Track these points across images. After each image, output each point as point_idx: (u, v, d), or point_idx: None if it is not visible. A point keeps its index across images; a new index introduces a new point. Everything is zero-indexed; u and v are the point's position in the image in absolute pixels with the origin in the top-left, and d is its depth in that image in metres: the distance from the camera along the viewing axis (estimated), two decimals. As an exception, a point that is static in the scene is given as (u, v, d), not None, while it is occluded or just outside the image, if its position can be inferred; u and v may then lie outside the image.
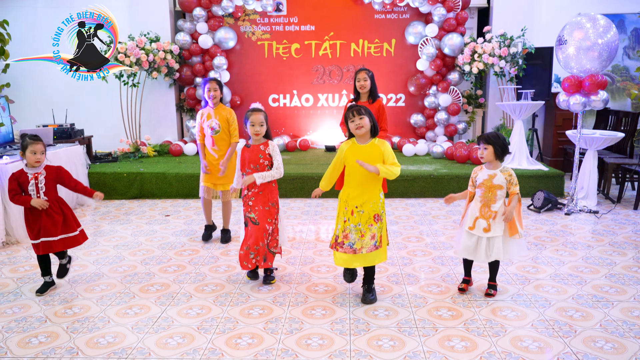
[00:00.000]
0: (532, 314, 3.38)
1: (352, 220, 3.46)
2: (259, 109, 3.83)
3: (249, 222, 3.85)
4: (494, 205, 3.52)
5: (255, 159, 3.78)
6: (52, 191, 3.81)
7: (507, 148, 3.58)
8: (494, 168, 3.56)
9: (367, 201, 3.45)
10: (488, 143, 3.52)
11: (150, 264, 4.42)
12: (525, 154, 7.10)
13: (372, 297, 3.60)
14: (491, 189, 3.52)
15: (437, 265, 4.31)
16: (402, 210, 6.15)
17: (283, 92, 9.11)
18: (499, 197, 3.53)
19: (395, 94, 9.04)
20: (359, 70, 4.80)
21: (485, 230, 3.53)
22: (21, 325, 3.31)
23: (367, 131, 3.44)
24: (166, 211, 6.21)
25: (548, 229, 5.29)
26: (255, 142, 3.85)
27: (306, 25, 8.92)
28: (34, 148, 3.72)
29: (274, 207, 3.86)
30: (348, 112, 3.49)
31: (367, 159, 3.38)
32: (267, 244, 3.84)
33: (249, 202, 3.83)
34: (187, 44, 8.63)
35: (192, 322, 3.33)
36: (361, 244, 3.45)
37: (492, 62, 7.82)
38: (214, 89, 4.70)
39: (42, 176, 3.77)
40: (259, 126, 3.77)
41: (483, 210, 3.55)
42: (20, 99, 8.96)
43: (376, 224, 3.46)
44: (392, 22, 8.88)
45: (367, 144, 3.46)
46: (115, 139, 8.63)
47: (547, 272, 4.11)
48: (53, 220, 3.75)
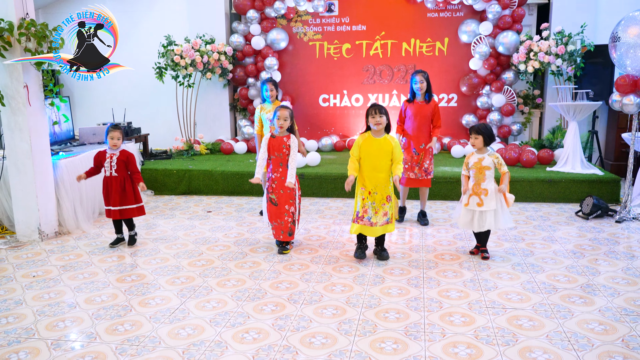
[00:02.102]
0: (550, 325, 3.23)
1: (369, 199, 4.28)
2: (286, 106, 4.61)
3: (270, 202, 4.62)
4: (484, 184, 4.26)
5: (279, 147, 4.52)
6: (122, 170, 4.81)
7: (493, 136, 4.35)
8: (482, 153, 4.33)
9: (379, 185, 4.26)
10: (479, 133, 4.28)
11: (181, 257, 4.61)
12: (580, 157, 6.73)
13: (386, 255, 4.45)
14: (481, 170, 4.27)
15: (463, 270, 4.20)
16: (442, 213, 6.03)
17: (333, 92, 9.15)
18: (488, 177, 4.26)
19: (448, 94, 8.85)
20: (415, 72, 5.33)
21: (478, 205, 4.27)
22: (52, 310, 3.57)
23: (383, 127, 4.25)
24: (209, 207, 6.44)
25: (592, 237, 5.01)
26: (280, 133, 4.56)
27: (357, 25, 8.92)
28: (112, 134, 4.80)
29: (293, 191, 4.58)
30: (370, 109, 4.24)
31: (379, 150, 4.23)
32: (293, 220, 4.62)
33: (272, 184, 4.59)
34: (241, 46, 8.88)
35: (206, 314, 3.45)
36: (376, 219, 4.28)
37: (549, 61, 7.48)
38: (270, 89, 5.62)
39: (116, 157, 4.80)
40: (283, 120, 4.50)
41: (475, 188, 4.29)
42: (86, 99, 9.60)
43: (388, 203, 4.31)
44: (445, 20, 8.70)
45: (380, 138, 4.26)
46: (171, 137, 9.03)
47: (578, 282, 3.91)
48: (117, 192, 4.80)
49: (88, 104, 9.41)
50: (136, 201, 4.91)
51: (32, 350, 3.03)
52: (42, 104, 5.15)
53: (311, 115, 9.22)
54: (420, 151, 5.39)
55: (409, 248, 4.79)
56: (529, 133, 8.78)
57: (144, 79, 8.85)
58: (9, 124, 5.00)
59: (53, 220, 5.30)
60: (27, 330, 3.27)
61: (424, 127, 5.37)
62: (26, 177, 5.07)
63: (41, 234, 5.15)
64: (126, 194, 4.84)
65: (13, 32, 4.75)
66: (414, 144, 5.40)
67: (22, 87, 4.90)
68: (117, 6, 9.11)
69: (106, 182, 4.83)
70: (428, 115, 5.35)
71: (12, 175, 5.10)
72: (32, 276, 4.22)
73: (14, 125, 5.00)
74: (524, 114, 8.63)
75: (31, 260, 4.61)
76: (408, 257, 4.55)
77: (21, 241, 5.14)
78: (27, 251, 4.86)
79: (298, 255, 4.62)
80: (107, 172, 4.80)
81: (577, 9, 7.98)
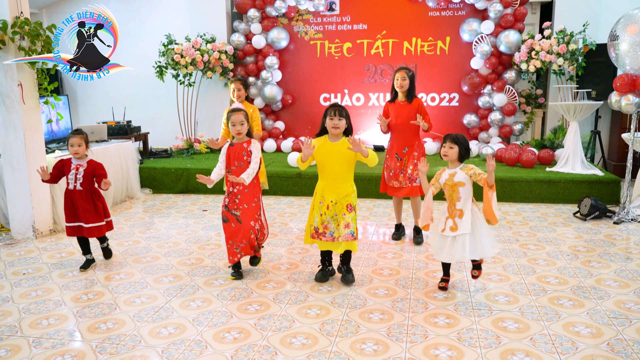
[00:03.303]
0: (536, 327, 3.18)
1: (328, 213, 3.75)
2: (238, 109, 3.98)
3: (233, 220, 3.95)
4: (458, 204, 3.58)
5: (238, 155, 3.92)
6: (88, 183, 4.20)
7: (469, 152, 3.66)
8: (454, 167, 3.63)
9: (340, 194, 3.73)
10: (455, 143, 3.57)
11: (172, 256, 4.61)
12: (580, 157, 6.65)
13: (351, 277, 3.87)
14: (453, 187, 3.59)
15: (452, 270, 4.15)
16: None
17: (334, 91, 9.12)
18: (462, 194, 3.56)
19: (449, 94, 8.77)
20: (398, 68, 4.76)
21: (452, 229, 3.58)
22: (38, 308, 3.58)
23: (341, 132, 3.73)
24: (205, 206, 6.44)
25: (588, 239, 4.93)
26: (238, 140, 3.97)
27: (359, 24, 8.88)
28: (71, 141, 4.16)
29: (258, 203, 4.02)
30: (329, 109, 3.71)
31: (338, 155, 3.69)
32: (256, 238, 4.03)
33: (235, 200, 3.93)
34: (242, 45, 8.87)
35: (189, 314, 3.44)
36: (339, 233, 3.73)
37: (550, 60, 7.39)
38: (237, 88, 4.90)
39: (83, 169, 4.18)
40: (239, 125, 3.90)
41: (450, 209, 3.62)
42: (88, 98, 9.65)
43: (349, 213, 3.73)
44: (447, 19, 8.63)
45: (338, 142, 3.73)
46: (172, 136, 9.05)
47: (569, 284, 3.85)
48: (84, 208, 4.17)
49: (90, 103, 9.46)
50: (105, 216, 4.31)
51: (12, 347, 3.04)
52: (37, 102, 5.17)
53: (312, 114, 9.18)
54: (403, 156, 4.79)
55: (400, 248, 4.75)
56: (531, 133, 8.69)
57: (145, 78, 8.87)
58: (4, 122, 5.03)
59: (47, 218, 5.32)
60: (10, 328, 3.28)
61: (406, 130, 4.77)
62: (21, 175, 5.10)
63: (35, 232, 5.18)
64: (96, 209, 4.23)
65: (7, 30, 4.77)
66: (396, 148, 4.82)
67: (16, 85, 4.93)
68: (119, 5, 9.17)
69: (69, 196, 4.18)
70: (411, 117, 4.70)
71: (7, 173, 5.13)
72: (22, 274, 4.23)
73: (8, 124, 5.03)
74: (526, 113, 8.54)
75: (23, 257, 4.63)
76: (399, 257, 4.51)
77: (15, 239, 5.17)
78: (20, 249, 4.88)
79: (289, 254, 4.60)
80: (71, 185, 4.16)
81: (581, 7, 7.88)
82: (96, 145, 6.37)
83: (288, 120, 9.28)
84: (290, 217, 5.87)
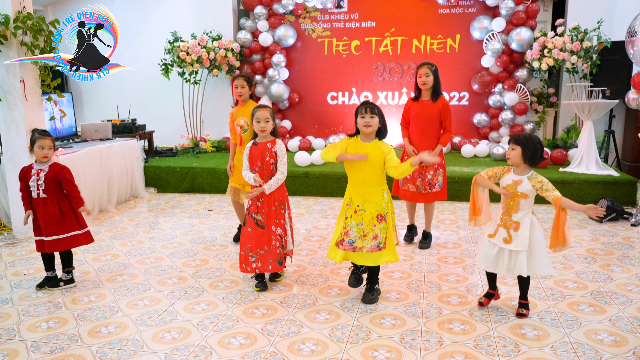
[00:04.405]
0: (556, 335, 3.03)
1: (354, 218, 3.39)
2: (264, 105, 3.70)
3: (252, 224, 3.71)
4: (516, 215, 3.17)
5: (261, 156, 3.66)
6: (53, 189, 3.69)
7: (538, 154, 3.13)
8: (521, 174, 3.18)
9: (368, 200, 3.37)
10: (517, 144, 3.15)
11: (176, 256, 4.49)
12: (595, 157, 6.47)
13: (372, 297, 3.49)
14: (514, 196, 3.16)
15: (466, 274, 4.01)
16: (448, 214, 5.83)
17: (342, 90, 8.98)
18: (523, 207, 3.16)
19: (459, 92, 8.62)
20: (421, 64, 4.45)
21: (505, 241, 3.19)
22: (38, 310, 3.46)
23: (374, 131, 3.38)
24: (211, 206, 6.31)
25: (606, 241, 4.77)
26: (261, 139, 3.72)
27: (367, 22, 8.73)
28: (41, 143, 3.66)
29: (279, 207, 3.73)
30: (360, 107, 3.37)
31: (368, 158, 3.32)
32: (281, 245, 3.74)
33: (257, 203, 3.70)
34: (248, 42, 8.75)
35: (193, 317, 3.32)
36: (362, 243, 3.36)
37: (563, 58, 7.22)
38: (241, 85, 4.48)
39: (43, 173, 3.68)
40: (264, 122, 3.63)
41: (504, 218, 3.22)
42: (94, 96, 9.56)
43: (379, 224, 3.36)
44: (457, 16, 8.47)
45: (370, 143, 3.39)
46: (177, 134, 8.93)
47: (589, 289, 3.69)
48: (48, 219, 3.67)
49: (94, 101, 9.37)
50: (80, 226, 3.79)
51: (10, 352, 2.92)
52: (40, 99, 5.06)
53: (319, 113, 9.05)
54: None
55: (411, 250, 4.61)
56: (542, 132, 8.51)
57: (151, 76, 8.76)
58: (6, 119, 4.92)
59: (50, 218, 5.21)
60: (9, 331, 3.16)
61: (429, 131, 4.49)
62: (23, 173, 4.99)
63: (37, 231, 5.06)
64: (64, 218, 3.71)
65: (9, 25, 4.67)
66: (417, 150, 4.48)
67: (18, 81, 4.82)
68: (125, 2, 9.06)
69: (34, 206, 3.71)
70: (434, 117, 4.46)
71: (9, 170, 5.03)
72: (23, 274, 4.12)
73: (10, 120, 4.92)
74: (538, 112, 8.37)
75: (24, 257, 4.52)
76: (410, 259, 4.37)
77: (17, 238, 5.06)
78: (22, 248, 4.77)
79: (296, 256, 4.46)
80: (34, 194, 3.68)
81: (594, 5, 7.70)
82: (100, 144, 6.26)
83: (295, 119, 9.14)
84: (298, 217, 5.73)
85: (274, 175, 3.66)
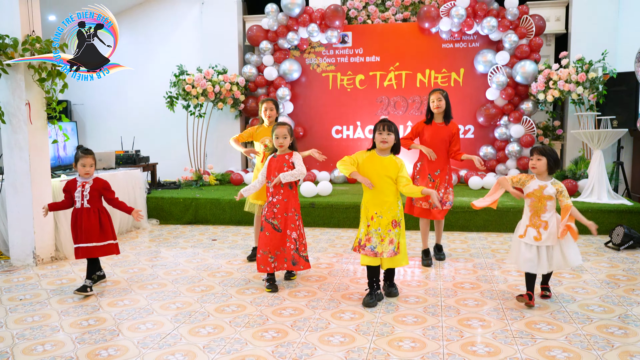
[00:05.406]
0: (588, 357, 2.83)
1: (372, 225, 3.67)
2: (283, 123, 4.10)
3: (270, 228, 4.02)
4: (544, 215, 3.57)
5: (279, 167, 4.03)
6: (95, 201, 4.10)
7: (559, 163, 3.67)
8: (544, 180, 3.62)
9: (384, 208, 3.66)
10: (542, 154, 3.58)
11: (180, 283, 4.30)
12: (606, 186, 6.37)
13: (395, 290, 3.89)
14: (541, 199, 3.57)
15: (485, 298, 3.83)
16: (459, 243, 5.67)
17: (347, 124, 8.97)
18: (549, 208, 3.57)
19: (464, 125, 8.60)
20: (432, 90, 4.76)
21: (535, 239, 3.56)
22: (34, 333, 3.27)
23: (389, 147, 3.70)
24: (215, 236, 6.15)
25: (626, 267, 4.60)
26: (281, 152, 4.10)
27: (371, 57, 8.81)
28: (84, 161, 4.07)
29: (294, 214, 4.06)
30: (378, 124, 3.70)
31: (383, 169, 3.65)
32: (296, 248, 4.04)
33: (274, 209, 4.03)
34: (254, 76, 8.79)
35: (199, 340, 3.12)
36: (382, 249, 3.65)
37: (569, 89, 7.22)
38: (270, 108, 4.76)
39: (88, 185, 4.07)
40: (282, 139, 4.04)
41: (533, 219, 3.59)
42: (97, 128, 9.54)
43: (394, 229, 3.68)
44: (461, 51, 8.55)
45: (386, 157, 3.71)
46: (180, 168, 8.86)
47: (615, 313, 3.50)
48: (90, 227, 4.03)
49: (98, 132, 9.34)
50: (113, 237, 4.17)
51: (2, 374, 2.72)
52: (44, 123, 4.99)
53: (324, 146, 8.96)
54: (435, 178, 4.73)
55: (425, 277, 4.43)
56: (550, 165, 8.42)
57: (156, 109, 8.78)
58: (9, 141, 4.84)
59: (49, 245, 5.05)
60: (1, 354, 2.96)
61: (441, 152, 4.73)
62: (24, 198, 4.86)
63: (36, 258, 4.89)
64: (102, 228, 4.08)
65: (17, 48, 4.65)
66: (429, 169, 4.74)
67: (24, 104, 4.76)
68: (133, 37, 9.17)
69: (76, 215, 4.04)
70: (446, 139, 4.70)
71: (10, 195, 4.90)
72: (19, 299, 3.93)
73: (14, 144, 4.83)
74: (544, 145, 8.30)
75: (21, 284, 4.34)
76: (424, 285, 4.19)
77: (15, 265, 4.89)
78: (18, 275, 4.59)
79: (304, 282, 4.29)
80: (78, 204, 4.03)
81: (597, 37, 7.78)
82: (104, 172, 6.16)
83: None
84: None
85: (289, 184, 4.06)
